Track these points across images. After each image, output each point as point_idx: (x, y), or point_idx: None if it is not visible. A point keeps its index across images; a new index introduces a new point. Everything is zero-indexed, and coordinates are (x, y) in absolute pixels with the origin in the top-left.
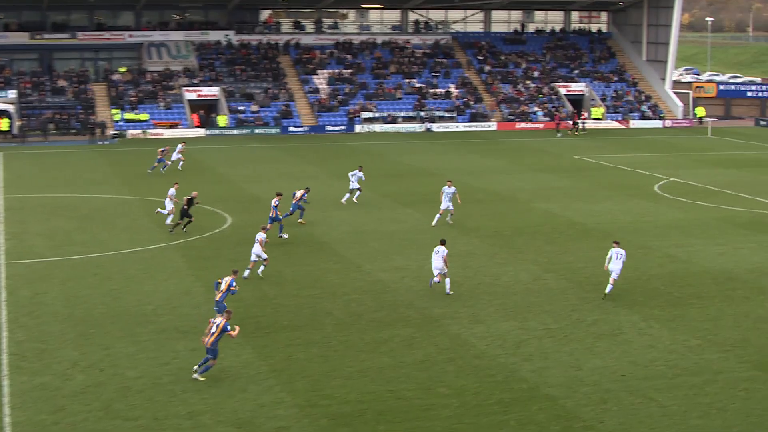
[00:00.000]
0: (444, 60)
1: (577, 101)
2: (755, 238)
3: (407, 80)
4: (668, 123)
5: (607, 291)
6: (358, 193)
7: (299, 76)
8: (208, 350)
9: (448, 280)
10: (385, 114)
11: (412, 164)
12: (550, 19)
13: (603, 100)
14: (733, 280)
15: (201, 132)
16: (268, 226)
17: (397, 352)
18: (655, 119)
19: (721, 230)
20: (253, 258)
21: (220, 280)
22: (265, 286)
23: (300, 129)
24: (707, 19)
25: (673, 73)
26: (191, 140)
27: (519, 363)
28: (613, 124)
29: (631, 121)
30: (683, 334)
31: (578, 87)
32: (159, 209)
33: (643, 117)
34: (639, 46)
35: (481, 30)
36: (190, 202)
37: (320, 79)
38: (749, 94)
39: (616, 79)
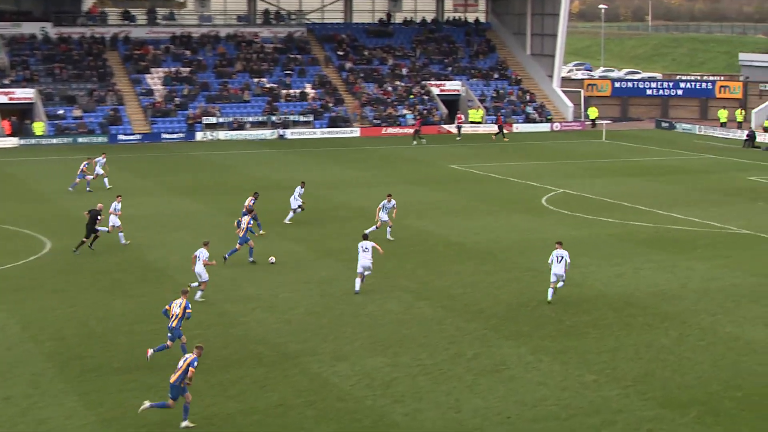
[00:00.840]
0: (298, 56)
1: (453, 102)
2: (657, 257)
3: (256, 79)
4: (557, 126)
5: (549, 298)
6: (291, 214)
7: (129, 76)
8: (171, 387)
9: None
10: (231, 119)
11: (263, 177)
12: (420, 8)
13: (482, 101)
14: (633, 306)
15: (13, 141)
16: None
17: (248, 395)
18: (542, 122)
19: (619, 248)
20: (202, 278)
21: (168, 306)
22: (92, 321)
23: (131, 137)
24: (600, 6)
25: (561, 70)
26: (0, 151)
27: (389, 405)
28: (494, 128)
29: (515, 125)
30: (577, 369)
31: (453, 86)
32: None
33: (528, 119)
34: (523, 38)
35: (341, 21)
36: (95, 216)
37: (154, 79)
38: (648, 92)
39: (496, 76)
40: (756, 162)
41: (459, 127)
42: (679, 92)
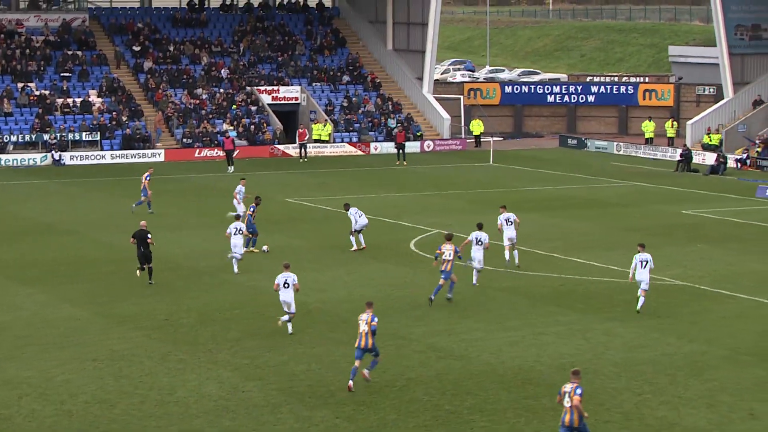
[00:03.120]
0: (79, 52)
1: (290, 114)
2: (565, 318)
3: (21, 85)
4: (429, 145)
5: (639, 307)
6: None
7: None
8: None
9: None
10: None
11: (30, 218)
12: None
13: (328, 113)
14: (533, 384)
15: None
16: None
17: None
18: (410, 140)
19: (514, 307)
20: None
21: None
22: None
23: None
24: None
25: (435, 70)
26: None
27: None
28: (346, 149)
29: (374, 144)
30: None
31: (290, 92)
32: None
33: (391, 137)
34: (382, 28)
35: (137, 4)
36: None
37: None
38: (550, 98)
39: (347, 79)
40: (693, 190)
41: (303, 146)
42: (591, 99)
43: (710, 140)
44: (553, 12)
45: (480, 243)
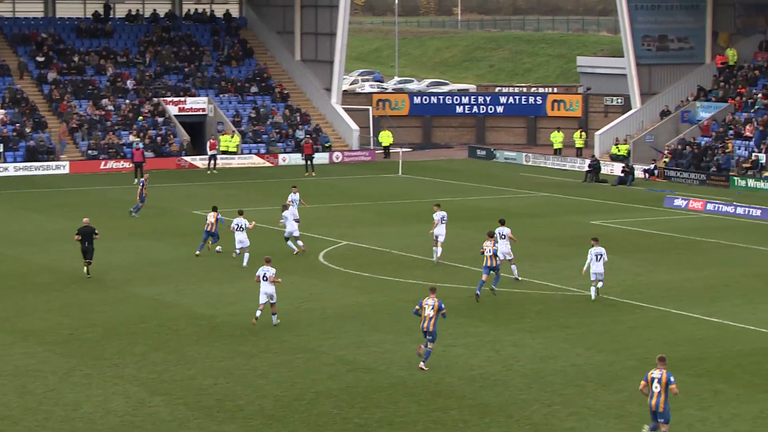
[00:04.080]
0: None
1: (197, 126)
2: (475, 330)
3: None
4: (338, 156)
5: (593, 297)
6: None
7: None
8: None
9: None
10: None
11: None
12: None
13: (236, 124)
14: (443, 396)
15: None
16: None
17: None
18: (319, 151)
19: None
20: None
21: (418, 306)
22: None
23: None
24: None
25: (343, 81)
26: None
27: None
28: (254, 160)
29: (282, 155)
30: None
31: (197, 103)
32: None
33: (299, 148)
34: (290, 38)
35: (41, 14)
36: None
37: None
38: (459, 109)
39: (255, 90)
40: (602, 201)
41: (213, 158)
42: (500, 109)
43: (618, 151)
44: (462, 23)
45: (503, 237)
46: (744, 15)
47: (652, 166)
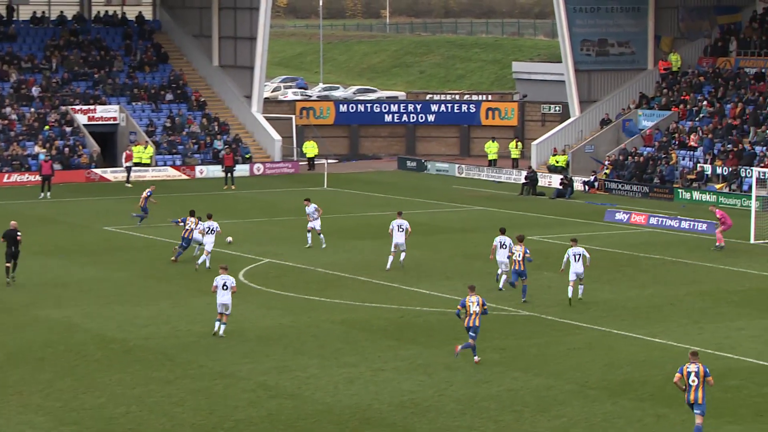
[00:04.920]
0: None
1: (108, 136)
2: (405, 353)
3: None
4: (259, 168)
5: (570, 295)
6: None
7: None
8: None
9: None
10: None
11: None
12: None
13: (149, 134)
14: (372, 424)
15: None
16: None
17: None
18: (239, 163)
19: (351, 341)
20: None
21: (460, 306)
22: None
23: None
24: None
25: (264, 88)
26: None
27: None
28: (169, 172)
29: (199, 167)
30: None
31: (108, 112)
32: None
33: (218, 160)
34: (208, 42)
35: None
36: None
37: None
38: (388, 118)
39: (170, 97)
40: (539, 215)
41: (129, 170)
42: (431, 118)
43: (556, 162)
44: (390, 26)
45: (504, 246)
46: (688, 18)
47: (592, 178)
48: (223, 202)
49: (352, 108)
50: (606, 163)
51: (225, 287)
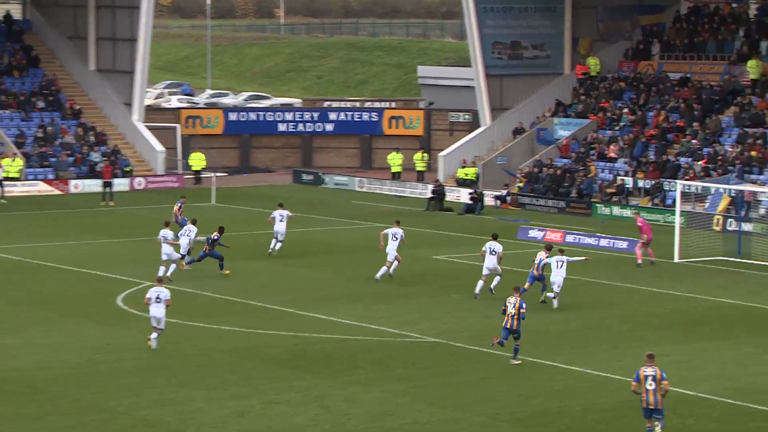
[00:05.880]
0: None
1: None
2: (300, 383)
3: None
4: (140, 182)
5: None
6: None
7: None
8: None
9: None
10: None
11: None
12: None
13: (18, 145)
14: None
15: None
16: None
17: None
18: (118, 176)
19: (239, 370)
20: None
21: (504, 306)
22: None
23: None
24: None
25: (146, 94)
26: None
27: None
28: (41, 187)
29: (74, 181)
30: None
31: None
32: None
33: (95, 173)
34: (83, 44)
35: None
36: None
37: None
38: (282, 127)
39: (41, 105)
40: (446, 232)
41: (0, 183)
42: (329, 127)
43: (465, 174)
44: (285, 27)
45: (494, 253)
46: (607, 19)
47: (504, 192)
48: (100, 219)
49: (243, 116)
50: (519, 175)
51: (159, 300)
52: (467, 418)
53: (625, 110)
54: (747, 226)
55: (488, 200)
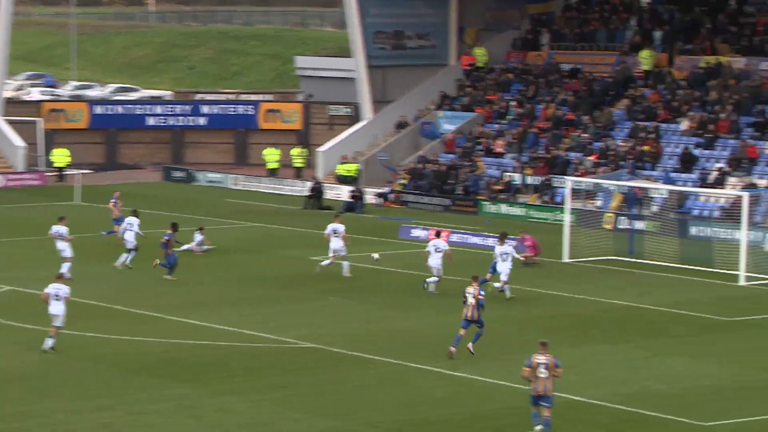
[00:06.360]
0: None
1: None
2: (169, 392)
3: None
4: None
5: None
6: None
7: None
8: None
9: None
10: None
11: None
12: None
13: None
14: None
15: None
16: None
17: None
18: None
19: (102, 379)
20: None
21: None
22: None
23: None
24: None
25: (5, 86)
26: None
27: None
28: None
29: None
30: None
31: None
32: None
33: None
34: None
35: None
36: None
37: None
38: (151, 121)
39: None
40: (320, 232)
41: None
42: (202, 121)
43: (346, 171)
44: (155, 15)
45: (439, 251)
46: (495, 8)
47: (387, 190)
48: None
49: (110, 110)
50: (401, 172)
51: (58, 297)
52: (346, 427)
53: (513, 103)
54: (639, 225)
55: (370, 198)
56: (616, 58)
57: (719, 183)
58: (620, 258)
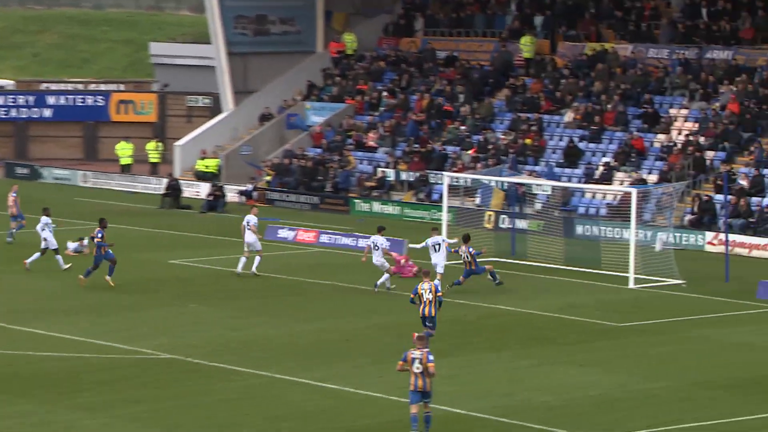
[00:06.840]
0: None
1: None
2: (13, 409)
3: None
4: None
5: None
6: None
7: None
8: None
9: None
10: None
11: None
12: None
13: None
14: None
15: None
16: None
17: None
18: None
19: None
20: None
21: (413, 294)
22: None
23: None
24: None
25: None
26: None
27: None
28: None
29: None
30: None
31: None
32: None
33: None
34: None
35: None
36: None
37: None
38: None
39: None
40: (184, 233)
41: None
42: (47, 113)
43: (206, 167)
44: None
45: (377, 248)
46: None
47: (251, 187)
48: None
49: None
50: (265, 168)
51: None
52: None
53: (386, 93)
54: (521, 224)
55: (232, 196)
56: (494, 44)
57: (606, 179)
58: (502, 259)
